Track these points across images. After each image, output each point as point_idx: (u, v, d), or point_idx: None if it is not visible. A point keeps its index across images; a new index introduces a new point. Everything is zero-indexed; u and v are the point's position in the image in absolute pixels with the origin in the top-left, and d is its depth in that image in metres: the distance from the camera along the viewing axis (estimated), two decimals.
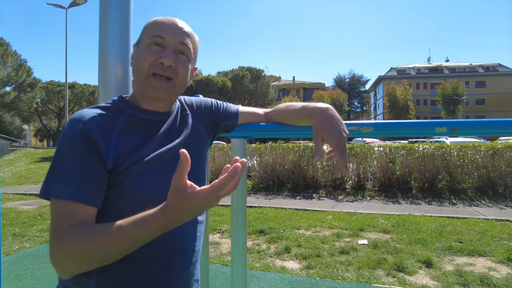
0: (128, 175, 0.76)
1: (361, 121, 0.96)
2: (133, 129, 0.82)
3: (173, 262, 0.82)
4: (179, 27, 0.85)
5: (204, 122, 0.98)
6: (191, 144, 0.89)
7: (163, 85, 0.82)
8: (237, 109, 1.07)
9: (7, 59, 27.94)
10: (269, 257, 3.94)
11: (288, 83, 57.05)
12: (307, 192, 8.35)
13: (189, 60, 0.87)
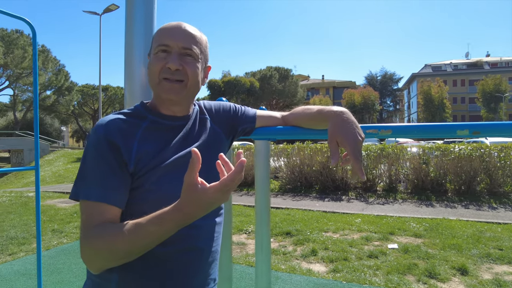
0: (148, 178, 0.80)
1: (380, 124, 0.92)
2: (154, 134, 0.86)
3: (188, 262, 0.84)
4: (182, 31, 0.87)
5: (223, 125, 1.01)
6: (209, 147, 0.92)
7: (175, 87, 0.85)
8: (254, 113, 1.09)
9: (47, 65, 29.68)
10: (295, 259, 3.90)
11: (317, 82, 56.33)
12: (336, 194, 8.20)
13: (197, 60, 0.88)
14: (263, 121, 1.09)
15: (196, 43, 0.88)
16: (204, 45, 0.92)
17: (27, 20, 2.48)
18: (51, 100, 32.56)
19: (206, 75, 0.96)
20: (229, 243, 1.81)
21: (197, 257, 0.86)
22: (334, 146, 0.82)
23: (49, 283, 3.24)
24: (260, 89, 38.08)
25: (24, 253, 4.16)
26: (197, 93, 0.94)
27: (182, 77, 0.86)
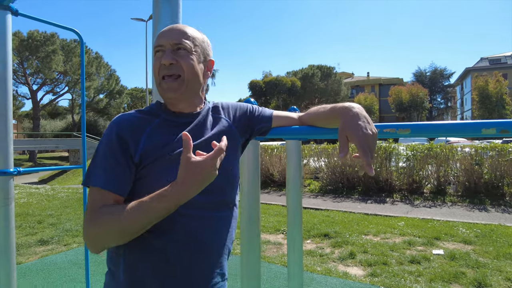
0: (152, 169, 0.86)
1: (398, 122, 0.88)
2: (164, 130, 0.91)
3: (186, 253, 0.86)
4: (173, 29, 0.92)
5: (238, 123, 1.04)
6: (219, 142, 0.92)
7: (173, 85, 0.89)
8: (271, 113, 1.11)
9: (100, 70, 31.88)
10: (331, 261, 3.82)
11: (361, 79, 54.51)
12: (379, 196, 7.89)
13: (191, 53, 0.91)
14: (280, 121, 1.10)
15: (187, 37, 0.91)
16: (199, 39, 0.95)
17: (76, 30, 2.69)
18: (103, 103, 34.93)
19: (209, 69, 0.99)
20: (258, 241, 1.82)
21: (195, 249, 0.88)
22: (344, 140, 0.81)
23: (97, 273, 3.48)
24: (301, 88, 37.73)
25: (77, 244, 4.51)
26: (200, 87, 0.95)
27: (178, 71, 0.89)
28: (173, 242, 0.86)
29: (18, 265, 3.73)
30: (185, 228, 0.86)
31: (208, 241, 0.90)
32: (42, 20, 2.47)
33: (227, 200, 0.95)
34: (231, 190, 0.97)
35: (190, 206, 0.84)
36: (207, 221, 0.90)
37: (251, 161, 1.69)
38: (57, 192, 9.19)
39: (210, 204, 0.90)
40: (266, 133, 1.10)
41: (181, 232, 0.86)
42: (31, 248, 4.40)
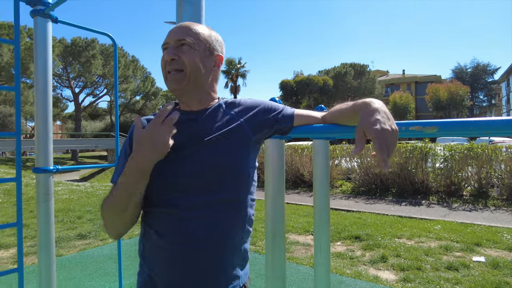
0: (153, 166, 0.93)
1: (425, 120, 0.82)
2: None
3: (186, 252, 0.91)
4: (178, 28, 0.96)
5: (252, 121, 1.00)
6: (223, 141, 0.94)
7: (175, 77, 0.93)
8: (292, 112, 1.06)
9: (136, 73, 33.12)
10: (362, 264, 3.71)
11: (397, 77, 52.58)
12: (415, 198, 7.58)
13: (194, 48, 0.94)
14: (302, 120, 1.05)
15: (190, 33, 0.94)
16: (204, 35, 0.97)
17: (109, 34, 2.81)
18: (140, 105, 36.28)
19: (217, 64, 1.01)
20: (282, 241, 1.81)
21: (193, 248, 0.90)
22: (360, 135, 0.78)
23: (130, 267, 3.61)
24: (334, 87, 37.07)
25: (112, 240, 4.71)
26: (203, 81, 0.97)
27: (180, 66, 0.93)
28: (173, 243, 0.91)
29: (59, 257, 3.96)
30: (183, 229, 0.90)
31: (208, 240, 0.91)
32: (78, 26, 2.60)
33: (227, 198, 0.93)
34: (233, 188, 0.94)
35: (187, 208, 0.90)
36: (205, 220, 0.91)
37: (275, 161, 1.68)
38: (96, 190, 9.65)
39: (207, 204, 0.91)
40: (287, 132, 1.06)
41: (179, 233, 0.90)
42: (71, 242, 4.65)
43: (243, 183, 0.97)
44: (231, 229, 0.94)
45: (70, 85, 31.69)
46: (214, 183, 0.91)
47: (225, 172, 0.92)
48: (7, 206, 6.87)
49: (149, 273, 0.97)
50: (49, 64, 2.26)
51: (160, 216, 0.93)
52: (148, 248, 0.96)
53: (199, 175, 0.91)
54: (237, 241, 0.97)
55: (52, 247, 2.37)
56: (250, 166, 0.99)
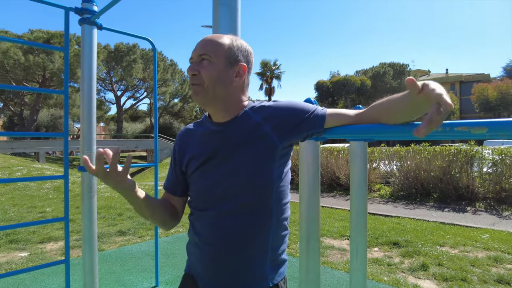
0: (191, 175, 1.07)
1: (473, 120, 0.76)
2: (203, 139, 1.05)
3: (207, 254, 1.01)
4: (201, 42, 1.00)
5: (278, 127, 0.98)
6: (247, 148, 0.97)
7: (195, 89, 0.99)
8: (324, 114, 1.00)
9: (175, 76, 34.19)
10: (401, 272, 3.55)
11: (439, 76, 49.98)
12: (459, 204, 7.14)
13: (212, 62, 0.96)
14: (334, 121, 1.00)
15: (209, 47, 0.97)
16: (225, 46, 0.98)
17: (149, 38, 2.92)
18: (178, 107, 37.42)
19: (239, 74, 1.00)
20: (317, 245, 1.77)
21: (211, 252, 1.00)
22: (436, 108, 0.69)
23: (165, 264, 3.72)
24: (372, 87, 35.99)
25: (149, 237, 4.88)
26: (225, 93, 0.98)
27: (199, 81, 0.97)
28: (205, 243, 1.02)
29: (101, 252, 4.16)
30: (213, 231, 1.00)
31: (220, 246, 0.98)
32: (121, 31, 2.73)
33: (252, 205, 0.97)
34: (258, 195, 0.97)
35: (215, 214, 0.99)
36: (232, 226, 0.97)
37: (310, 163, 1.65)
38: None
39: (232, 210, 0.97)
40: (320, 135, 1.02)
41: (209, 234, 1.01)
42: (112, 238, 4.88)
43: (268, 190, 0.98)
44: (258, 233, 0.98)
45: (113, 88, 33.35)
46: (238, 191, 0.97)
47: (247, 180, 0.96)
48: (57, 202, 7.36)
49: (189, 264, 1.12)
50: (94, 69, 2.39)
51: (197, 217, 1.05)
52: (189, 242, 1.11)
53: (223, 185, 0.97)
54: (262, 247, 0.99)
55: (94, 242, 2.50)
56: (276, 173, 0.99)
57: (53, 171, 11.44)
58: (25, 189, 8.23)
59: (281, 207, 1.02)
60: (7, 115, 31.94)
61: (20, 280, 3.30)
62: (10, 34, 24.13)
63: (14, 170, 10.24)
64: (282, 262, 1.06)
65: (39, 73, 25.39)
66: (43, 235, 4.82)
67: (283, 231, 1.04)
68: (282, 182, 1.02)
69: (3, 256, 4.05)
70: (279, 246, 1.04)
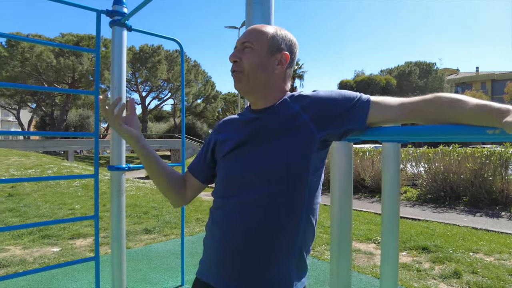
0: (219, 162, 1.06)
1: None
2: (240, 125, 1.04)
3: (223, 244, 0.98)
4: (246, 32, 1.02)
5: (318, 117, 0.92)
6: (282, 137, 0.93)
7: (236, 77, 0.99)
8: (366, 110, 0.90)
9: (198, 77, 34.64)
10: (431, 278, 3.42)
11: (468, 75, 48.07)
12: (492, 209, 6.82)
13: (254, 49, 0.98)
14: (376, 117, 0.91)
15: (252, 35, 0.99)
16: (268, 34, 0.99)
17: (177, 40, 2.94)
18: (200, 108, 37.92)
19: (281, 62, 1.00)
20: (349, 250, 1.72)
21: (232, 241, 0.95)
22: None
23: (190, 264, 3.75)
24: (397, 87, 35.08)
25: (174, 236, 4.94)
26: (265, 81, 0.98)
27: (240, 68, 0.98)
28: (223, 233, 0.98)
29: (127, 249, 4.25)
30: (233, 220, 0.95)
31: (255, 235, 0.93)
32: (149, 32, 2.76)
33: (279, 197, 0.92)
34: (287, 187, 0.92)
35: (239, 202, 0.95)
36: (255, 216, 0.93)
37: (343, 164, 1.60)
38: None
39: (256, 200, 0.93)
40: (362, 133, 0.95)
41: (230, 224, 0.96)
42: (138, 236, 4.97)
43: (302, 182, 0.93)
44: (281, 229, 0.92)
45: (138, 89, 34.19)
46: (269, 178, 0.92)
47: (280, 167, 0.92)
48: (85, 199, 7.60)
49: (201, 269, 1.08)
50: (124, 70, 2.43)
51: (219, 205, 1.01)
52: (206, 236, 1.07)
53: (251, 172, 0.94)
54: (289, 244, 0.93)
55: (123, 240, 2.54)
56: (312, 165, 0.94)
57: (81, 169, 11.84)
58: (56, 187, 8.55)
59: (313, 205, 0.97)
60: (40, 115, 33.40)
61: (52, 274, 3.41)
62: (43, 38, 25.25)
63: (46, 168, 10.67)
64: (305, 269, 1.01)
65: (69, 75, 26.41)
66: (72, 231, 4.98)
67: (311, 232, 1.00)
68: (316, 178, 0.97)
69: (37, 251, 4.21)
70: (306, 249, 0.99)
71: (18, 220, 5.68)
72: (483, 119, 0.75)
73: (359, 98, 0.93)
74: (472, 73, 48.54)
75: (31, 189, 8.01)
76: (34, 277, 3.32)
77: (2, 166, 10.29)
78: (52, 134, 4.77)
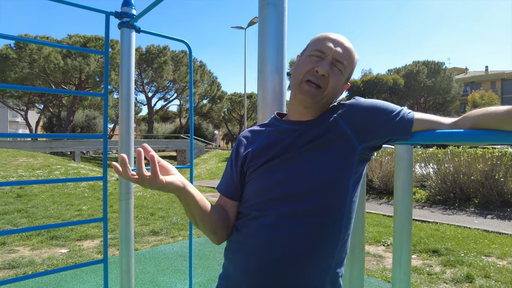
0: (251, 175, 0.97)
1: None
2: (273, 136, 0.96)
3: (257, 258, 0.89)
4: (341, 43, 0.92)
5: (358, 127, 0.90)
6: (319, 148, 0.89)
7: (312, 91, 0.90)
8: (412, 118, 0.89)
9: (204, 77, 34.69)
10: (443, 282, 3.35)
11: (478, 74, 47.46)
12: (503, 211, 6.71)
13: (343, 74, 0.92)
14: (422, 127, 0.89)
15: (348, 58, 0.92)
16: (354, 63, 0.95)
17: (185, 41, 2.92)
18: (206, 108, 37.97)
19: (342, 91, 0.98)
20: (362, 256, 1.68)
21: (269, 256, 0.88)
22: None
23: (198, 266, 3.73)
24: (405, 86, 34.77)
25: (182, 237, 4.93)
26: (330, 104, 0.96)
27: (323, 84, 0.90)
28: (255, 245, 0.90)
29: (135, 251, 4.24)
30: (265, 234, 0.88)
31: (287, 251, 0.86)
32: (158, 34, 2.74)
33: (313, 211, 0.86)
34: (322, 201, 0.86)
35: (270, 215, 0.88)
36: (287, 231, 0.87)
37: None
38: None
39: (290, 214, 0.87)
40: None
41: (261, 238, 0.89)
42: (145, 237, 4.97)
43: (343, 196, 0.88)
44: (316, 244, 0.86)
45: (144, 90, 34.36)
46: (309, 192, 0.86)
47: (321, 180, 0.87)
48: (92, 200, 7.63)
49: (229, 274, 0.97)
50: (132, 72, 2.41)
51: (250, 218, 0.94)
52: (229, 249, 0.99)
53: (293, 183, 0.88)
54: (325, 260, 0.87)
55: (131, 242, 2.52)
56: (354, 178, 0.90)
57: (87, 170, 11.91)
58: (63, 187, 8.60)
59: (351, 220, 0.92)
60: (47, 116, 33.73)
61: (61, 276, 3.41)
62: (51, 39, 25.49)
63: (53, 168, 10.75)
64: (339, 287, 0.94)
65: (76, 76, 26.61)
66: (80, 233, 4.99)
67: (346, 249, 0.94)
68: (356, 192, 0.93)
69: (45, 252, 4.23)
70: (341, 266, 0.93)
71: (26, 221, 5.71)
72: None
73: (402, 110, 0.92)
74: (481, 72, 47.93)
75: (39, 190, 8.06)
76: (43, 279, 3.32)
77: (10, 167, 10.39)
78: (60, 136, 4.77)
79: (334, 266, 0.90)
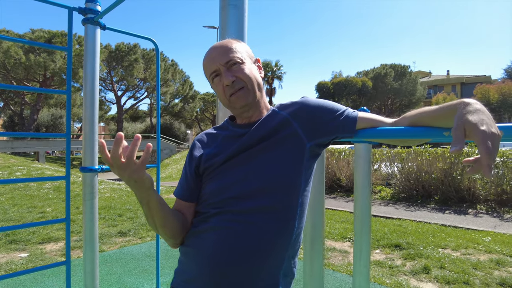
0: (207, 177, 1.00)
1: None
2: (227, 140, 1.00)
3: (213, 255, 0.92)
4: (218, 52, 0.98)
5: (307, 125, 0.95)
6: (272, 146, 0.94)
7: (241, 95, 0.96)
8: (355, 117, 0.95)
9: (175, 76, 34.16)
10: (403, 274, 3.54)
11: (440, 78, 49.93)
12: (460, 207, 7.13)
13: (244, 62, 0.98)
14: (365, 125, 0.95)
15: (232, 51, 0.97)
16: (240, 46, 1.02)
17: (152, 39, 2.90)
18: (178, 107, 37.40)
19: (259, 67, 1.06)
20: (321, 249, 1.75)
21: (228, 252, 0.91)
22: (460, 133, 0.67)
23: (166, 266, 3.70)
24: (373, 88, 35.94)
25: (150, 238, 4.87)
26: (262, 86, 1.01)
27: (241, 84, 0.96)
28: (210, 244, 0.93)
29: (101, 253, 4.14)
30: (222, 232, 0.92)
31: (245, 246, 0.89)
32: (124, 31, 2.71)
33: (270, 206, 0.91)
34: (278, 196, 0.91)
35: (229, 212, 0.91)
36: (246, 227, 0.90)
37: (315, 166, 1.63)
38: None
39: (249, 210, 0.91)
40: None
41: (218, 235, 0.92)
42: (112, 238, 4.86)
43: (295, 192, 0.93)
44: (271, 239, 0.90)
45: (113, 88, 33.34)
46: (262, 190, 0.91)
47: (273, 179, 0.92)
48: (56, 202, 7.34)
49: (183, 268, 0.99)
50: (97, 69, 2.37)
51: (207, 216, 0.96)
52: (186, 245, 1.00)
53: (240, 184, 0.92)
54: (279, 253, 0.92)
55: (96, 243, 2.48)
56: (304, 175, 0.95)
57: (53, 170, 11.42)
58: (25, 189, 8.21)
59: (303, 215, 0.98)
60: (8, 114, 31.94)
61: (20, 281, 3.28)
62: (11, 34, 24.14)
63: (14, 170, 10.22)
64: (292, 276, 1.00)
65: (40, 73, 25.38)
66: (43, 236, 4.80)
67: (299, 241, 0.99)
68: (308, 187, 0.98)
69: (3, 257, 4.03)
70: (294, 257, 0.98)
71: None
72: (447, 118, 0.80)
73: (347, 110, 0.99)
74: (443, 76, 50.47)
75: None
76: (0, 284, 3.18)
77: None
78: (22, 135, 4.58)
79: (287, 258, 0.95)
